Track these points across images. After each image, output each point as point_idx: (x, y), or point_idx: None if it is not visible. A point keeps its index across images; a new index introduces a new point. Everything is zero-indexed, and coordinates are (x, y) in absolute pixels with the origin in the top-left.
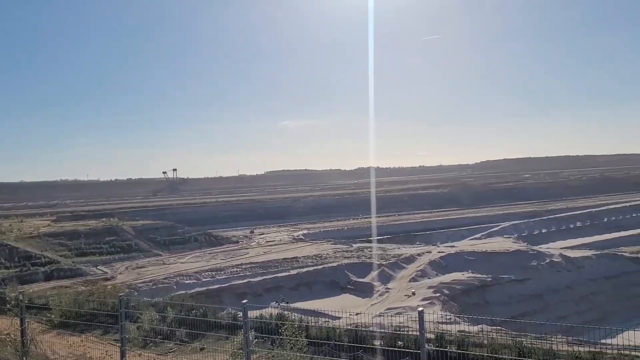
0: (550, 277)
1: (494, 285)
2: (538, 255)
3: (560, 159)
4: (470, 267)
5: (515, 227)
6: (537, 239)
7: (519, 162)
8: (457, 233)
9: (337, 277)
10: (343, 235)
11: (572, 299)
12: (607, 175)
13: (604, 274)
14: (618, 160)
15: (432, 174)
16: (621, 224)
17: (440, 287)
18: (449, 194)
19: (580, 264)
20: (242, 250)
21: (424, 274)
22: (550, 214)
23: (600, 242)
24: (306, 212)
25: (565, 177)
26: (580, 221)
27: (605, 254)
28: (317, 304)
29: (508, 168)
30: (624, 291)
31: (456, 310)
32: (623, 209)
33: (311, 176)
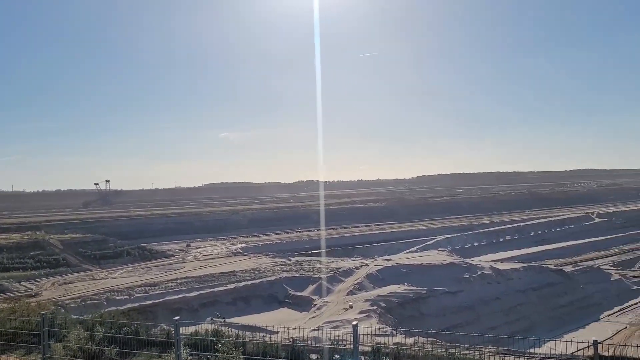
0: (481, 289)
1: (428, 298)
2: (470, 268)
3: (492, 175)
4: (406, 279)
5: (449, 240)
6: (469, 251)
7: (453, 177)
8: (394, 246)
9: (275, 291)
10: (282, 248)
11: (501, 310)
12: (534, 191)
13: (530, 286)
14: (544, 176)
15: (370, 188)
16: (546, 237)
17: (377, 300)
18: (386, 207)
19: (509, 276)
20: (178, 265)
21: (362, 287)
22: (481, 228)
23: (527, 255)
24: (245, 225)
25: (496, 192)
26: (509, 235)
27: (532, 267)
28: (254, 319)
29: (443, 183)
30: (549, 302)
31: (392, 322)
32: (548, 224)
33: (250, 189)
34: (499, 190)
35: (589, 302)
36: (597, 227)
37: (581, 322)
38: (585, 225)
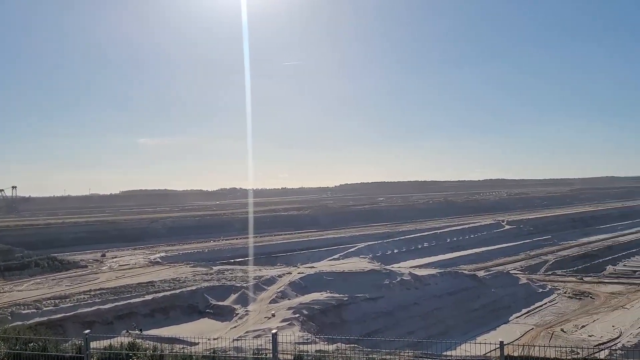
0: (400, 294)
1: (350, 304)
2: (390, 275)
3: (411, 184)
4: (328, 287)
5: (370, 247)
6: (389, 258)
7: (374, 186)
8: (317, 254)
9: (196, 301)
10: (204, 257)
11: (419, 315)
12: (450, 199)
13: (446, 291)
14: (459, 186)
15: (294, 196)
16: (461, 244)
17: (299, 308)
18: (309, 215)
19: (426, 281)
20: (92, 275)
21: (284, 295)
22: (401, 235)
23: (443, 260)
24: (164, 233)
25: (415, 200)
26: (427, 242)
27: (448, 272)
28: (173, 330)
29: (365, 191)
30: (463, 306)
31: (314, 329)
32: (463, 231)
33: (171, 196)
34: (418, 199)
35: (499, 305)
36: (507, 234)
37: (492, 325)
38: (496, 232)
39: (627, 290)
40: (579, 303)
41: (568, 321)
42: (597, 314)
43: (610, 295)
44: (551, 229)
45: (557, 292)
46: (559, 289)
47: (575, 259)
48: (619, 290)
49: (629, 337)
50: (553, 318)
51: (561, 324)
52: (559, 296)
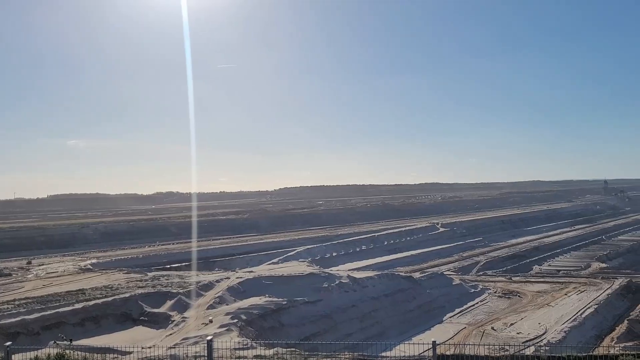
0: (339, 297)
1: (289, 308)
2: (329, 277)
3: (350, 188)
4: (267, 291)
5: (310, 251)
6: (328, 261)
7: (314, 189)
8: (256, 258)
9: (129, 309)
10: (138, 263)
11: (357, 317)
12: (387, 202)
13: (384, 292)
14: (396, 189)
15: (232, 200)
16: (398, 246)
17: (238, 313)
18: (249, 219)
19: (364, 283)
20: (16, 284)
21: (222, 300)
22: (340, 238)
23: (381, 263)
24: (96, 239)
25: (354, 204)
26: (365, 244)
27: (385, 274)
28: (105, 340)
29: (304, 195)
30: (400, 307)
31: (253, 334)
32: (399, 233)
33: (102, 200)
34: (357, 202)
35: (434, 306)
36: (441, 236)
37: (427, 325)
38: (431, 235)
39: (552, 289)
40: (508, 302)
41: (498, 319)
42: (525, 312)
43: (536, 293)
44: (482, 231)
45: (488, 292)
46: (489, 289)
47: (504, 259)
48: (544, 289)
49: (553, 334)
50: (484, 317)
51: (492, 323)
52: (489, 295)
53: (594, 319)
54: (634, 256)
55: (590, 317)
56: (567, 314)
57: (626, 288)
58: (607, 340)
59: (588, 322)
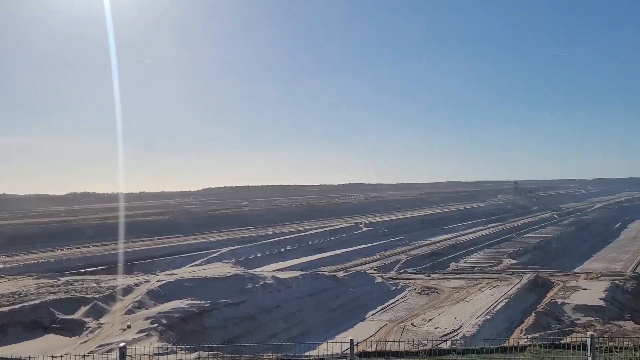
0: (263, 298)
1: (212, 311)
2: (253, 278)
3: (274, 188)
4: (190, 294)
5: (234, 252)
6: (253, 262)
7: (238, 190)
8: (178, 260)
9: (40, 316)
10: (50, 267)
11: (281, 317)
12: (312, 203)
13: (308, 292)
14: (321, 190)
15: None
16: (322, 246)
17: (158, 317)
18: (170, 220)
19: (289, 284)
20: None
21: (142, 304)
22: (265, 239)
23: (305, 263)
24: (3, 243)
25: (279, 204)
26: (290, 245)
27: (309, 274)
28: (13, 350)
29: (228, 195)
30: (324, 306)
31: (174, 339)
32: (324, 233)
33: (10, 202)
34: (281, 203)
35: (357, 304)
36: (364, 236)
37: (350, 323)
38: (354, 234)
39: (467, 285)
40: (427, 298)
41: (417, 315)
42: (442, 307)
43: (453, 289)
44: (403, 230)
45: (408, 289)
46: (409, 286)
47: (424, 257)
48: (460, 285)
49: (468, 327)
50: (404, 313)
51: (411, 319)
52: (409, 293)
53: (505, 313)
54: (540, 252)
55: (502, 311)
56: (481, 309)
57: (534, 282)
58: (516, 332)
59: (500, 315)
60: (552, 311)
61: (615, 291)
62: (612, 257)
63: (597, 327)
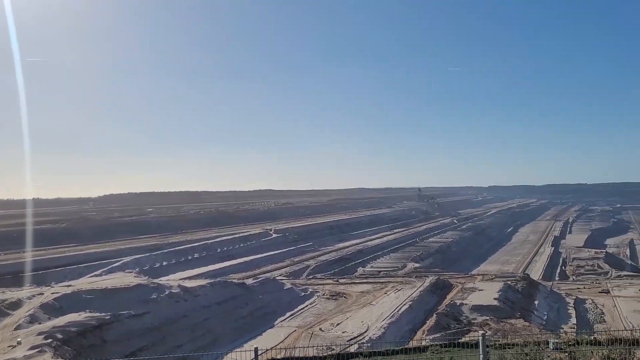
0: (169, 308)
1: (113, 323)
2: (159, 288)
3: (182, 194)
4: (89, 306)
5: (138, 261)
6: (159, 271)
7: (143, 196)
8: (76, 271)
9: None
10: None
11: (188, 327)
12: (221, 209)
13: (216, 300)
14: (231, 196)
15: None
16: (232, 253)
17: (52, 332)
18: (67, 228)
19: (196, 292)
20: None
21: (35, 319)
22: (171, 247)
23: (214, 270)
24: None
25: (186, 211)
26: (198, 252)
27: (218, 282)
28: None
29: (132, 202)
30: (232, 314)
31: (71, 355)
32: (233, 240)
33: None
34: (189, 209)
35: (266, 311)
36: (274, 242)
37: (259, 330)
38: (264, 241)
39: (374, 289)
40: (335, 303)
41: (326, 320)
42: (350, 311)
43: (360, 294)
44: (313, 236)
45: (317, 294)
46: (318, 292)
47: (332, 262)
48: (367, 289)
49: (374, 330)
50: (313, 319)
51: (320, 324)
52: (318, 298)
53: (408, 315)
54: (441, 256)
55: (406, 313)
56: (386, 311)
57: (435, 285)
58: (419, 333)
59: (404, 317)
60: (452, 312)
61: (507, 291)
62: (505, 259)
63: (492, 325)
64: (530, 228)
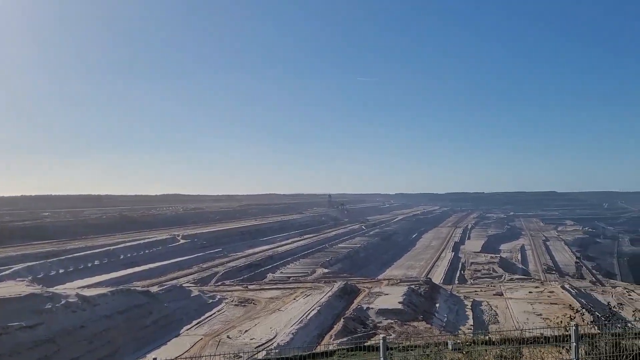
0: (65, 318)
1: (0, 336)
2: (54, 297)
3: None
4: None
5: (31, 268)
6: (54, 280)
7: (38, 199)
8: None
9: None
10: None
11: (85, 339)
12: (125, 214)
13: (118, 309)
14: (136, 200)
15: None
16: (136, 260)
17: None
18: None
19: (96, 301)
20: None
21: None
22: (69, 253)
23: (117, 278)
24: None
25: (87, 215)
26: (99, 259)
27: (120, 290)
28: None
29: (25, 205)
30: (135, 323)
31: None
32: (138, 246)
33: None
34: (90, 214)
35: (171, 319)
36: (182, 248)
37: (164, 339)
38: (171, 247)
39: (283, 295)
40: (244, 309)
41: (234, 327)
42: (259, 318)
43: (269, 300)
44: (223, 241)
45: (225, 301)
46: (227, 298)
47: (242, 269)
48: (276, 295)
49: (283, 336)
50: (221, 326)
51: (228, 331)
52: (226, 305)
53: (317, 320)
54: (350, 261)
55: (314, 318)
56: (295, 317)
57: (343, 290)
58: (327, 338)
59: (312, 323)
60: (359, 316)
61: (411, 295)
62: (409, 264)
63: (396, 328)
64: (433, 234)
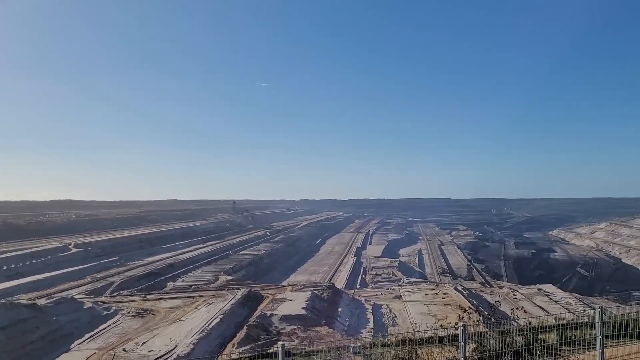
0: None
1: None
2: None
3: None
4: None
5: None
6: None
7: None
8: None
9: None
10: None
11: None
12: (9, 221)
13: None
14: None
15: None
16: (21, 271)
17: None
18: None
19: None
20: None
21: None
22: None
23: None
24: None
25: None
26: None
27: (1, 304)
28: None
29: None
30: (20, 340)
31: None
32: (23, 256)
33: None
34: None
35: (61, 334)
36: (74, 257)
37: (52, 356)
38: (62, 256)
39: (184, 304)
40: (142, 320)
41: (130, 340)
42: (157, 329)
43: (169, 309)
44: (119, 250)
45: (122, 313)
46: (123, 309)
47: (140, 278)
48: (177, 304)
49: (183, 347)
50: (116, 339)
51: (123, 344)
52: (123, 316)
53: (219, 328)
54: (254, 268)
55: (216, 327)
56: (197, 327)
57: (247, 297)
58: (229, 346)
59: (214, 331)
60: (262, 323)
61: (314, 300)
62: (313, 269)
63: (299, 334)
64: (337, 239)
